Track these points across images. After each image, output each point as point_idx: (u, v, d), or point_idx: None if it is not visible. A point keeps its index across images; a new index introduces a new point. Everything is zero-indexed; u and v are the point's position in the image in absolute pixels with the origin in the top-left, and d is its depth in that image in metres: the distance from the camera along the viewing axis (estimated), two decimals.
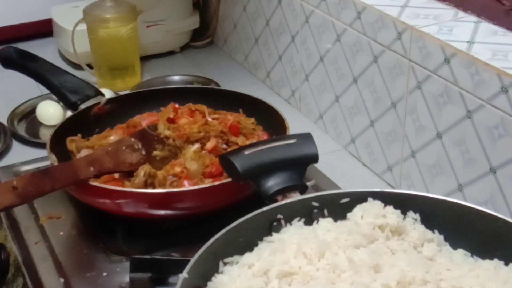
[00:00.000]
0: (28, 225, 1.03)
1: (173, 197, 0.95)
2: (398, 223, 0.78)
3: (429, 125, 1.03)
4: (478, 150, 0.94)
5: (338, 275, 0.70)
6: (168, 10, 1.62)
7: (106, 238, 1.01)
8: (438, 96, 0.99)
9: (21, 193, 0.88)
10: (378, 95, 1.13)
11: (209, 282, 0.72)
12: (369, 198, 0.81)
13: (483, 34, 0.99)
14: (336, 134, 1.28)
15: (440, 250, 0.76)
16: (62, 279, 0.92)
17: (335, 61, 1.23)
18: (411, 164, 1.08)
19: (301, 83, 1.37)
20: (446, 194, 0.99)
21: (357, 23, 1.14)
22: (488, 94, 0.90)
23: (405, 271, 0.69)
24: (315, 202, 0.81)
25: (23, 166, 1.18)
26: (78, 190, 0.99)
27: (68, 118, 1.16)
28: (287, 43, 1.39)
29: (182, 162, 1.03)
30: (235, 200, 0.97)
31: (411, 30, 1.02)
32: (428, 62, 1.00)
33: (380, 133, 1.15)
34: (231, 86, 1.40)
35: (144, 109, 1.19)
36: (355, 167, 1.21)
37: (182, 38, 1.69)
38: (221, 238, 0.75)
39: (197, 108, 1.16)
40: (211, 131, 1.09)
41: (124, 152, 0.99)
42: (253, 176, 0.88)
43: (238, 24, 1.59)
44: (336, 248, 0.73)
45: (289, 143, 0.92)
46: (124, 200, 0.95)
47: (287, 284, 0.70)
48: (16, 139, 1.29)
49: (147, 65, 1.60)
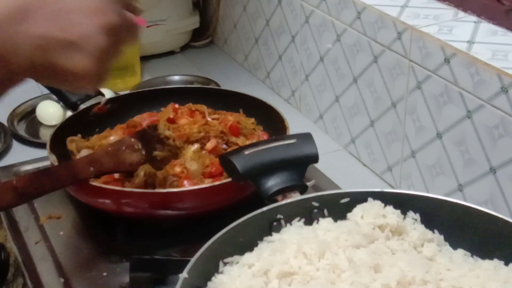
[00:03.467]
0: (28, 225, 1.03)
1: (173, 197, 0.95)
2: (398, 223, 0.78)
3: (429, 125, 1.03)
4: (478, 150, 0.94)
5: (338, 275, 0.69)
6: (168, 10, 1.62)
7: (106, 238, 1.01)
8: (438, 96, 0.99)
9: (21, 193, 0.88)
10: (378, 95, 1.13)
11: (209, 282, 0.72)
12: (369, 198, 0.81)
13: (483, 34, 0.99)
14: (336, 134, 1.28)
15: (440, 250, 0.76)
16: (62, 279, 0.92)
17: (335, 61, 1.23)
18: (411, 164, 1.08)
19: (301, 83, 1.37)
20: (446, 194, 0.99)
21: (357, 23, 1.14)
22: (488, 94, 0.90)
23: (405, 271, 0.69)
24: (315, 202, 0.81)
25: (23, 166, 1.18)
26: (78, 190, 0.99)
27: (68, 118, 1.16)
28: (287, 43, 1.39)
29: (182, 162, 1.03)
30: (235, 200, 0.97)
31: (411, 30, 1.02)
32: (428, 62, 1.00)
33: (380, 133, 1.15)
34: (231, 86, 1.40)
35: (144, 109, 1.19)
36: (355, 167, 1.21)
37: (182, 38, 1.69)
38: (221, 238, 0.75)
39: (197, 108, 1.16)
40: (211, 131, 1.09)
41: (124, 152, 0.99)
42: (253, 176, 0.88)
43: (238, 24, 1.59)
44: (336, 248, 0.73)
45: (289, 143, 0.92)
46: (124, 200, 0.95)
47: (287, 284, 0.70)
48: (16, 139, 1.29)
49: (147, 65, 1.60)
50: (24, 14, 0.60)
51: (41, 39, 0.60)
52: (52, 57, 0.61)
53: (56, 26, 0.61)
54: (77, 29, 0.62)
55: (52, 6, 0.61)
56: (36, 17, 0.60)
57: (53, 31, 0.61)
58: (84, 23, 0.62)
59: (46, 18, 0.61)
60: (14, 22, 0.59)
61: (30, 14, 0.60)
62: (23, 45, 0.60)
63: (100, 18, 0.63)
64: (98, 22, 0.63)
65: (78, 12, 0.62)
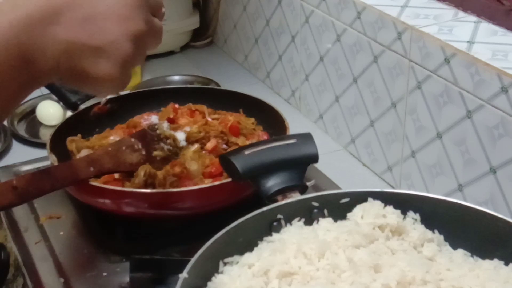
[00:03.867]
0: (28, 225, 1.03)
1: (173, 197, 0.95)
2: (398, 223, 0.78)
3: (429, 125, 1.02)
4: (478, 150, 0.94)
5: (338, 275, 0.69)
6: (168, 10, 1.60)
7: (106, 238, 1.01)
8: (438, 96, 0.99)
9: (21, 193, 0.88)
10: (378, 95, 1.13)
11: (209, 282, 0.72)
12: (369, 198, 0.81)
13: (483, 34, 0.99)
14: (336, 134, 1.28)
15: (440, 250, 0.76)
16: (62, 279, 0.92)
17: (335, 61, 1.23)
18: (411, 164, 1.08)
19: (301, 83, 1.37)
20: (446, 194, 0.99)
21: (357, 23, 1.14)
22: (488, 94, 0.90)
23: (405, 271, 0.69)
24: (315, 202, 0.81)
25: (23, 166, 1.18)
26: (78, 190, 0.99)
27: (68, 118, 1.16)
28: (287, 43, 1.39)
29: (182, 162, 1.03)
30: (235, 200, 0.97)
31: (411, 30, 1.02)
32: (428, 62, 1.00)
33: (380, 133, 1.15)
34: (231, 86, 1.40)
35: (144, 109, 1.19)
36: (355, 167, 1.21)
37: (182, 38, 1.69)
38: (221, 238, 0.75)
39: (197, 108, 1.16)
40: (211, 131, 1.09)
41: (124, 152, 0.99)
42: (253, 176, 0.88)
43: (238, 24, 1.59)
44: (336, 248, 0.73)
45: (289, 143, 0.92)
46: (124, 200, 0.95)
47: (287, 284, 0.70)
48: (16, 139, 1.29)
49: (147, 65, 1.60)
50: (55, 17, 0.59)
51: (68, 44, 0.60)
52: (77, 62, 0.61)
53: (85, 31, 0.61)
54: (105, 36, 0.61)
55: (82, 10, 0.61)
56: (66, 21, 0.60)
57: (81, 36, 0.61)
58: (112, 29, 0.62)
59: (75, 23, 0.60)
60: (44, 24, 0.59)
61: (61, 17, 0.60)
62: (50, 48, 0.59)
63: (128, 26, 0.63)
64: (126, 30, 0.62)
65: (107, 18, 0.62)
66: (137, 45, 0.64)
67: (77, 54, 0.61)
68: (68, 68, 0.61)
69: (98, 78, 0.63)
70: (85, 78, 0.63)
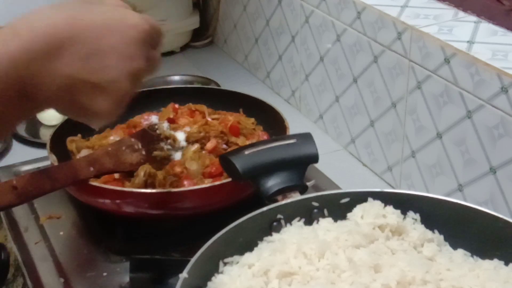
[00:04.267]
0: (28, 225, 1.03)
1: (173, 197, 0.95)
2: (398, 223, 0.78)
3: (429, 125, 1.02)
4: (478, 150, 0.94)
5: (338, 275, 0.69)
6: (168, 10, 1.62)
7: (106, 238, 1.01)
8: (438, 96, 0.99)
9: (21, 193, 0.88)
10: (378, 95, 1.13)
11: (209, 282, 0.72)
12: (369, 198, 0.81)
13: (483, 34, 0.99)
14: (336, 134, 1.28)
15: (440, 250, 0.76)
16: (62, 279, 0.92)
17: (335, 61, 1.23)
18: (411, 164, 1.08)
19: (301, 83, 1.37)
20: (446, 194, 0.99)
21: (357, 23, 1.14)
22: (488, 94, 0.90)
23: (405, 271, 0.69)
24: (315, 202, 0.81)
25: (23, 166, 1.18)
26: (78, 190, 0.99)
27: (68, 118, 1.16)
28: (287, 43, 1.39)
29: (182, 162, 1.03)
30: (235, 200, 0.97)
31: (411, 30, 1.02)
32: (428, 62, 1.00)
33: (380, 133, 1.15)
34: (231, 86, 1.40)
35: (144, 109, 1.19)
36: (355, 167, 1.21)
37: (182, 38, 1.69)
38: (221, 238, 0.75)
39: (197, 108, 1.16)
40: (211, 131, 1.09)
41: (124, 152, 0.99)
42: (253, 176, 0.88)
43: (238, 24, 1.59)
44: (336, 248, 0.73)
45: (289, 143, 0.92)
46: (124, 200, 0.95)
47: (287, 284, 0.70)
48: (16, 139, 1.29)
49: None
50: (57, 51, 0.59)
51: (69, 79, 0.60)
52: (76, 97, 0.62)
53: (86, 67, 0.61)
54: (106, 73, 0.62)
55: (86, 46, 0.61)
56: (68, 56, 0.60)
57: (82, 72, 0.61)
58: (113, 67, 0.62)
59: (77, 58, 0.60)
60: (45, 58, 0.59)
61: (64, 51, 0.60)
62: (50, 83, 0.60)
63: (130, 65, 0.63)
64: (126, 68, 0.63)
65: (109, 56, 0.62)
66: (135, 82, 0.65)
67: (77, 90, 0.61)
68: (66, 102, 0.62)
69: (95, 113, 0.64)
70: (82, 112, 0.64)
